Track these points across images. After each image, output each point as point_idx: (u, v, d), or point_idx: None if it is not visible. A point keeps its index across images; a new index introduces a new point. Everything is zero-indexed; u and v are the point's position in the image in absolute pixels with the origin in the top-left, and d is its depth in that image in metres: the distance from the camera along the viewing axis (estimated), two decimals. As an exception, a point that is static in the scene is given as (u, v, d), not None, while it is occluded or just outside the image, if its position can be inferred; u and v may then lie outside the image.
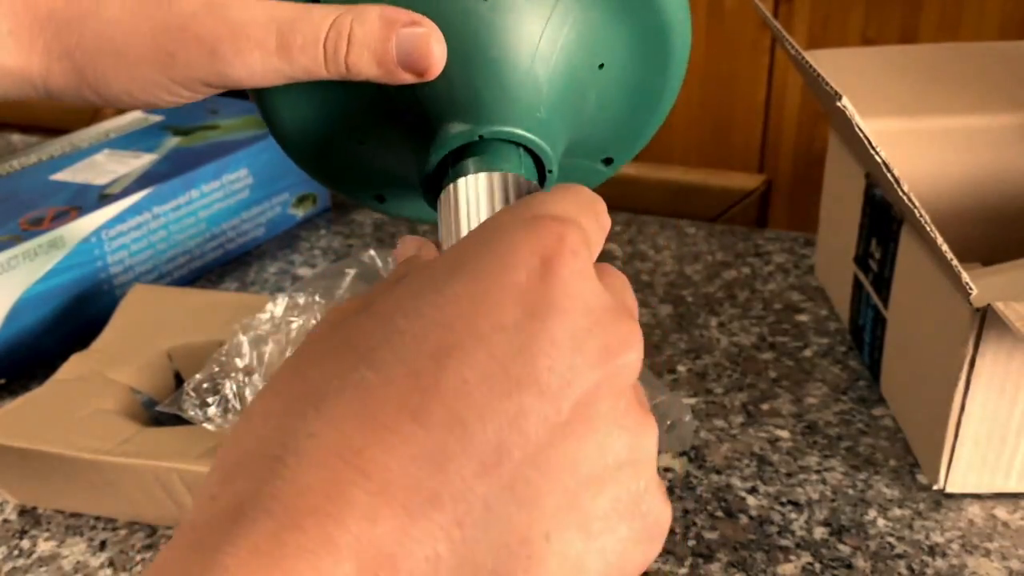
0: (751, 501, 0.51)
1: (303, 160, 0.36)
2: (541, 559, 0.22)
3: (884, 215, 0.56)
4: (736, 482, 0.52)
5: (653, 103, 0.35)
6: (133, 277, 0.69)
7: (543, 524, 0.22)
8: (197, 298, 0.63)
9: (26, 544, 0.50)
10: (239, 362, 0.52)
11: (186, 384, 0.51)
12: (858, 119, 0.46)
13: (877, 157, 0.46)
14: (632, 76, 0.34)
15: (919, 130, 0.63)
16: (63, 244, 0.63)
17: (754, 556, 0.48)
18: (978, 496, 0.51)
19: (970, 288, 0.44)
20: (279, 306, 0.55)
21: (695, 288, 0.72)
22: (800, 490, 0.52)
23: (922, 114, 0.64)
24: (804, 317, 0.68)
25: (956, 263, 0.44)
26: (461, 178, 0.30)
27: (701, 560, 0.47)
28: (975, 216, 0.65)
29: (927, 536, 0.49)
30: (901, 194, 0.46)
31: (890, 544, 0.48)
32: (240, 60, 0.31)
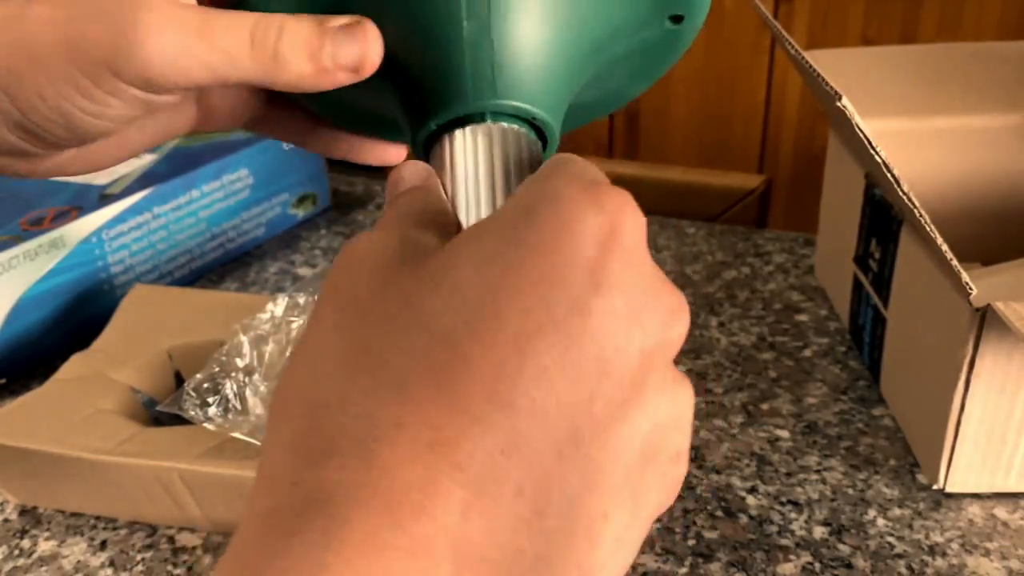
0: (751, 501, 0.51)
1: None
2: (599, 538, 0.23)
3: (884, 215, 0.56)
4: (736, 482, 0.52)
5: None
6: (133, 277, 0.69)
7: (603, 503, 0.23)
8: (197, 298, 0.63)
9: (27, 544, 0.50)
10: (239, 362, 0.52)
11: (186, 384, 0.51)
12: (858, 119, 0.46)
13: (877, 157, 0.46)
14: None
15: (919, 130, 0.63)
16: (64, 244, 0.63)
17: (754, 556, 0.48)
18: (978, 496, 0.51)
19: (970, 288, 0.44)
20: (279, 306, 0.55)
21: (695, 288, 0.72)
22: (800, 490, 0.52)
23: (922, 114, 0.64)
24: (804, 317, 0.68)
25: (956, 263, 0.44)
26: (459, 129, 0.29)
27: (701, 560, 0.47)
28: (975, 216, 0.65)
29: (927, 536, 0.49)
30: (901, 194, 0.46)
31: (890, 544, 0.48)
32: (152, 41, 0.28)
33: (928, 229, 0.45)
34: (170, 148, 0.76)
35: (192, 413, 0.50)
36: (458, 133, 0.29)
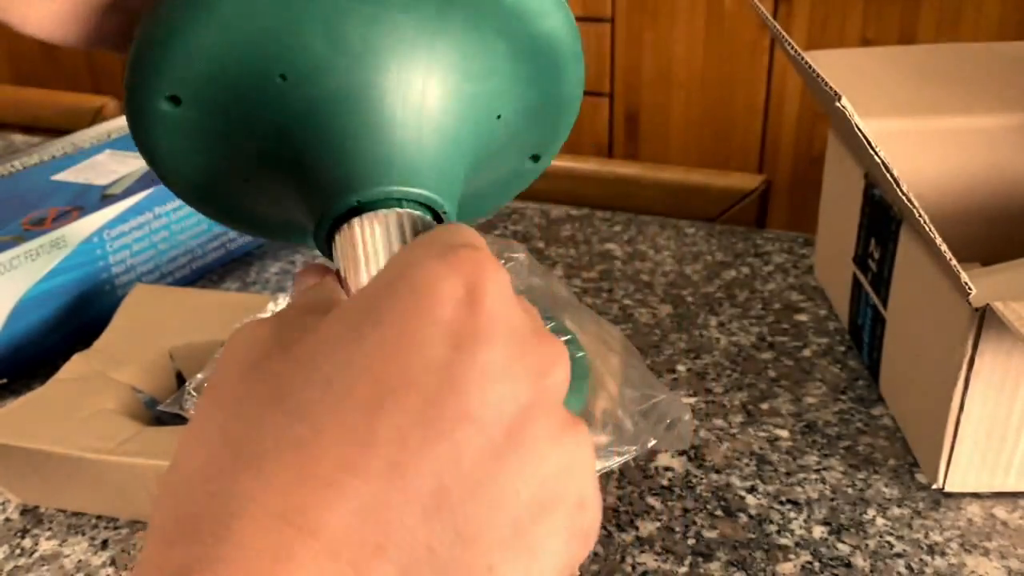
0: (750, 500, 0.51)
1: (188, 198, 0.35)
2: None
3: (883, 215, 0.57)
4: (736, 481, 0.53)
5: (559, 113, 0.35)
6: (135, 277, 0.69)
7: (487, 557, 0.23)
8: (198, 298, 0.63)
9: (28, 543, 0.50)
10: (240, 362, 0.52)
11: (188, 384, 0.51)
12: (858, 119, 0.46)
13: (877, 157, 0.46)
14: (532, 98, 0.34)
15: (919, 130, 0.63)
16: (65, 244, 0.63)
17: (753, 555, 0.48)
18: (977, 495, 0.51)
19: (969, 288, 0.44)
20: (280, 306, 0.55)
21: (695, 288, 0.72)
22: (799, 489, 0.52)
23: (922, 114, 0.64)
24: (803, 317, 0.68)
25: (955, 263, 0.45)
26: (356, 218, 0.29)
27: (701, 559, 0.48)
28: (975, 216, 0.65)
29: (926, 535, 0.49)
30: (900, 194, 0.46)
31: (889, 543, 0.48)
32: None
33: (927, 229, 0.45)
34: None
35: (193, 413, 0.50)
36: (355, 222, 0.29)
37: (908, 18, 1.77)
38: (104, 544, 0.50)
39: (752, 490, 0.52)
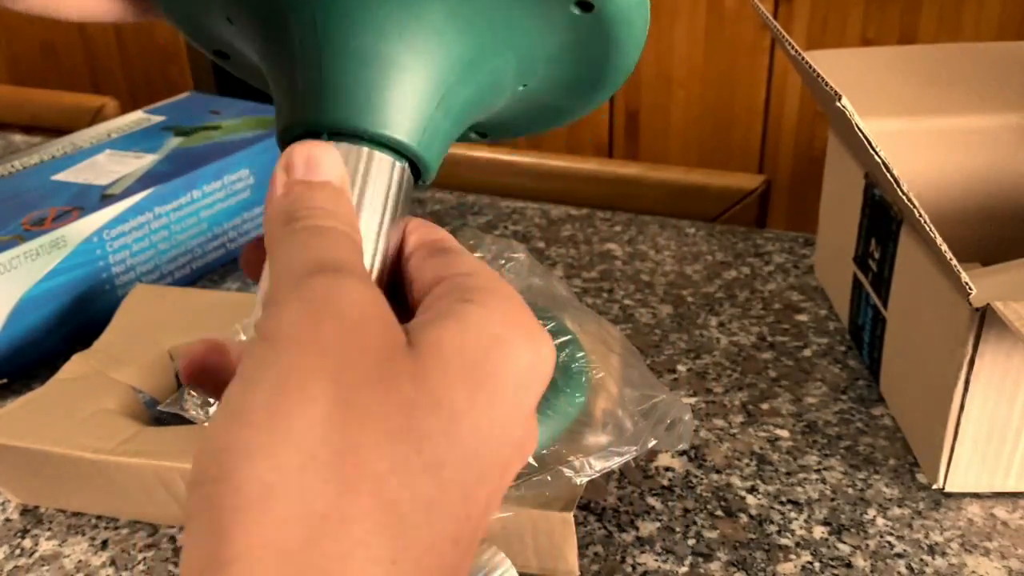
0: (751, 500, 0.51)
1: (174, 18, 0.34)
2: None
3: (883, 215, 0.57)
4: (736, 481, 0.53)
5: (601, 84, 0.33)
6: (135, 277, 0.69)
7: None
8: (198, 298, 0.63)
9: (28, 543, 0.50)
10: (240, 362, 0.52)
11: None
12: (858, 119, 0.46)
13: (877, 157, 0.46)
14: (569, 71, 0.32)
15: (919, 130, 0.63)
16: (65, 244, 0.63)
17: (754, 555, 0.48)
18: (977, 495, 0.51)
19: (969, 288, 0.44)
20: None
21: (695, 288, 0.72)
22: (800, 489, 0.52)
23: (922, 114, 0.64)
24: (804, 317, 0.68)
25: (955, 263, 0.45)
26: (348, 143, 0.28)
27: (701, 559, 0.48)
28: (975, 216, 0.65)
29: (926, 535, 0.49)
30: (901, 194, 0.46)
31: (889, 543, 0.48)
32: None
33: (928, 229, 0.45)
34: (171, 148, 0.76)
35: (193, 413, 0.50)
36: (346, 146, 0.28)
37: (909, 18, 1.77)
38: (104, 544, 0.50)
39: (752, 490, 0.52)
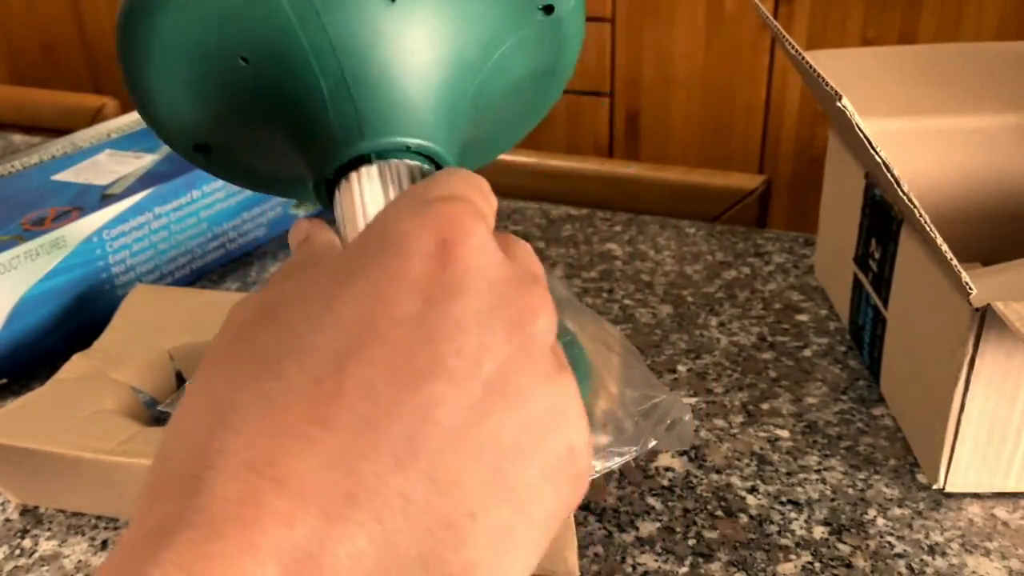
0: (751, 500, 0.51)
1: (182, 150, 0.35)
2: (468, 537, 0.23)
3: (884, 215, 0.57)
4: (736, 481, 0.53)
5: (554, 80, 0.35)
6: (135, 277, 0.69)
7: (467, 504, 0.23)
8: (198, 298, 0.63)
9: (28, 543, 0.50)
10: (240, 362, 0.52)
11: (187, 384, 0.51)
12: (858, 119, 0.46)
13: (877, 157, 0.46)
14: (534, 63, 0.34)
15: (919, 130, 0.63)
16: (65, 244, 0.63)
17: (754, 555, 0.48)
18: (978, 496, 0.51)
19: (970, 288, 0.44)
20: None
21: (695, 288, 0.72)
22: (800, 489, 0.52)
23: (922, 114, 0.64)
24: (804, 317, 0.68)
25: (956, 263, 0.44)
26: (353, 171, 0.30)
27: (701, 559, 0.48)
28: (975, 216, 0.65)
29: (927, 535, 0.49)
30: (901, 194, 0.46)
31: (890, 543, 0.48)
32: None
33: (928, 229, 0.45)
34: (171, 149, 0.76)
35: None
36: (352, 175, 0.30)
37: (909, 18, 1.77)
38: (104, 544, 0.50)
39: (753, 490, 0.52)
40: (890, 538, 0.49)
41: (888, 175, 0.46)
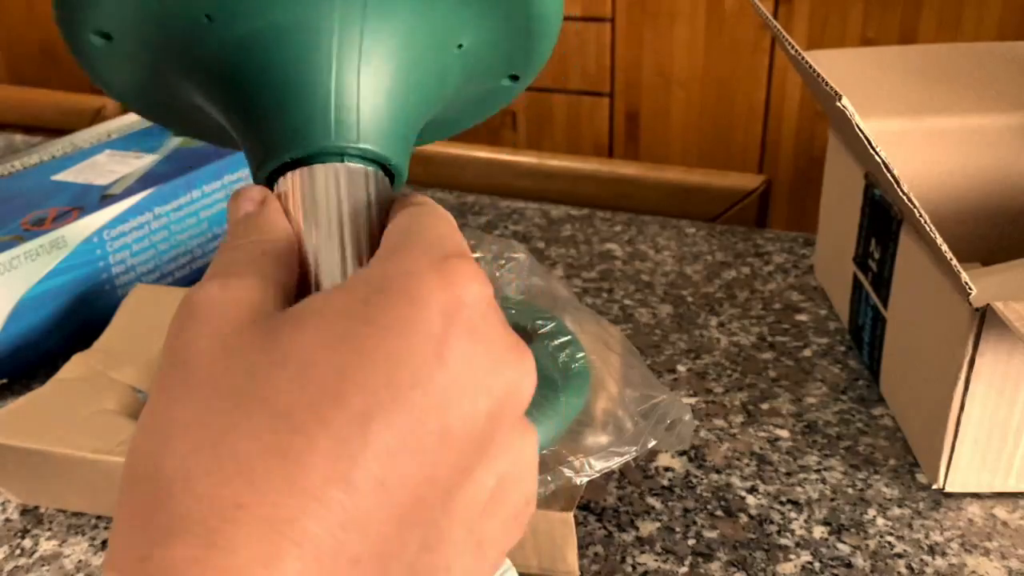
0: (751, 500, 0.51)
1: (133, 110, 0.35)
2: None
3: (883, 215, 0.57)
4: (736, 481, 0.53)
5: (534, 34, 0.33)
6: (135, 277, 0.69)
7: (446, 559, 0.24)
8: (198, 298, 0.63)
9: (28, 543, 0.50)
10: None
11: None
12: (858, 119, 0.46)
13: (877, 157, 0.46)
14: (497, 20, 0.32)
15: (919, 130, 0.63)
16: (65, 244, 0.63)
17: (754, 555, 0.48)
18: (978, 496, 0.51)
19: (969, 288, 0.44)
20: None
21: (695, 288, 0.72)
22: (800, 489, 0.52)
23: (922, 114, 0.64)
24: (804, 317, 0.68)
25: (956, 263, 0.45)
26: (316, 165, 0.29)
27: (701, 559, 0.48)
28: (975, 216, 0.65)
29: (927, 535, 0.49)
30: (901, 194, 0.46)
31: (889, 543, 0.48)
32: None
33: (928, 229, 0.45)
34: (171, 148, 0.76)
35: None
36: (316, 168, 0.29)
37: (909, 18, 1.77)
38: (104, 544, 0.50)
39: (752, 490, 0.52)
40: (890, 538, 0.49)
41: (888, 175, 0.46)
